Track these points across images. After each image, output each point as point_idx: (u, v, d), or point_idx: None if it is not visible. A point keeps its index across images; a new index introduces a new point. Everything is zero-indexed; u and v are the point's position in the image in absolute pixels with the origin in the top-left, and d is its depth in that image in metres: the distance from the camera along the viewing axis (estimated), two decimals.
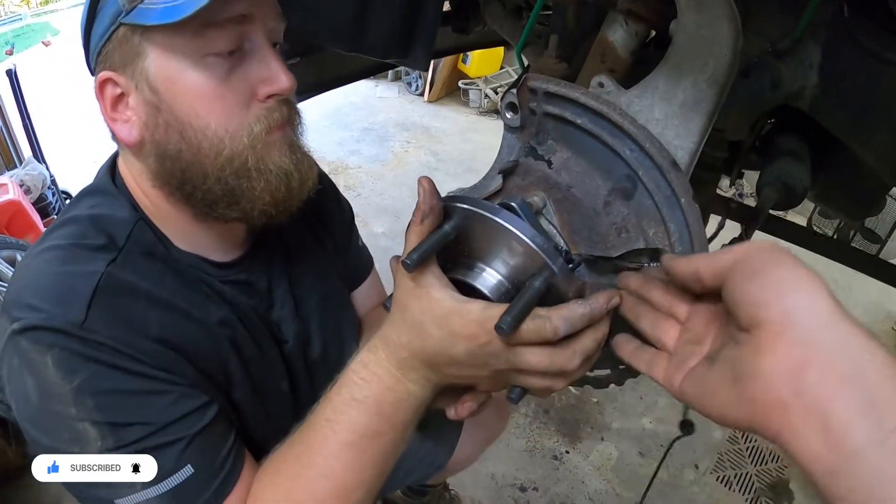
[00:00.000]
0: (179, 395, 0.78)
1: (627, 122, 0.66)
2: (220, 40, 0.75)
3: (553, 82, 0.71)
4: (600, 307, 0.64)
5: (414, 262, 0.63)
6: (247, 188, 0.81)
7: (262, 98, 0.80)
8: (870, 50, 0.91)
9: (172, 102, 0.77)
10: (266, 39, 0.80)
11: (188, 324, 0.83)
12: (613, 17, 0.89)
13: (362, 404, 0.71)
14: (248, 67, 0.79)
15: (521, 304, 0.61)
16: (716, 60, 0.70)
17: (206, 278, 0.90)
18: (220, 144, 0.78)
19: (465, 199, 0.67)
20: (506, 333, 0.60)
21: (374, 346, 0.72)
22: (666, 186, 0.67)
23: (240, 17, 0.76)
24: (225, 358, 0.88)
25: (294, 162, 0.84)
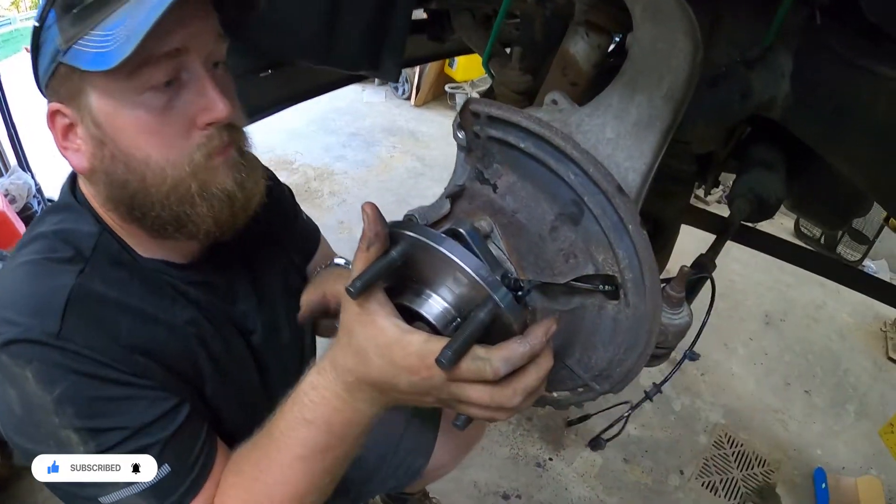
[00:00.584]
0: (153, 398, 0.81)
1: (570, 147, 0.63)
2: (156, 75, 0.77)
3: (495, 106, 0.68)
4: (540, 343, 0.63)
5: (357, 289, 0.63)
6: (191, 213, 0.84)
7: (201, 126, 0.82)
8: (843, 57, 0.87)
9: (115, 137, 0.79)
10: (203, 67, 0.81)
11: (156, 327, 0.86)
12: (574, 28, 0.85)
13: (312, 424, 0.73)
14: (186, 97, 0.80)
15: (462, 338, 0.60)
16: (672, 75, 0.66)
17: (171, 280, 0.92)
18: (162, 174, 0.81)
19: (411, 226, 0.66)
20: (446, 368, 0.60)
21: (324, 368, 0.73)
22: (612, 212, 0.63)
23: (174, 52, 0.77)
24: (194, 355, 0.91)
25: (238, 182, 0.86)
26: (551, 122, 0.66)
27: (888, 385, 3.37)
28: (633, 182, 0.66)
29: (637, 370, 0.74)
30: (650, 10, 0.67)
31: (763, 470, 2.73)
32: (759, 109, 0.97)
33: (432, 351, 0.61)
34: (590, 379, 0.78)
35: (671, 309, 0.78)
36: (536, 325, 0.64)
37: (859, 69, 0.86)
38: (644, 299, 0.66)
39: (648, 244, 0.62)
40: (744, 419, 2.97)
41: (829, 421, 3.06)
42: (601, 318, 0.72)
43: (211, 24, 0.82)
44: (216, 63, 0.85)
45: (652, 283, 0.65)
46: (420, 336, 0.64)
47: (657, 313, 0.67)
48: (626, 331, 0.70)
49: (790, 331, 3.66)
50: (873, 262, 4.33)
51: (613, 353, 0.74)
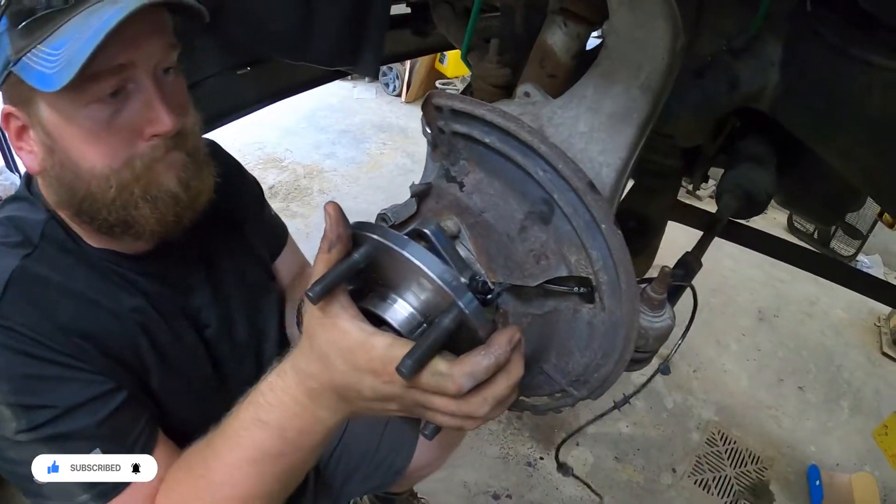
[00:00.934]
0: (87, 381, 0.82)
1: (538, 141, 0.59)
2: (102, 89, 0.78)
3: (458, 99, 0.64)
4: (504, 352, 0.59)
5: (317, 294, 0.59)
6: (136, 216, 0.86)
7: (147, 138, 0.84)
8: (834, 45, 0.84)
9: (63, 146, 0.81)
10: (151, 79, 0.82)
11: (98, 312, 0.88)
12: (552, 18, 0.81)
13: (266, 426, 0.71)
14: (132, 108, 0.82)
15: (425, 346, 0.56)
16: (650, 64, 0.62)
17: (119, 270, 0.94)
18: (107, 182, 0.83)
19: (374, 227, 0.62)
20: (406, 377, 0.56)
21: (284, 370, 0.71)
22: (584, 211, 0.59)
23: (119, 67, 0.78)
24: (136, 343, 0.92)
25: (182, 182, 0.88)
26: (521, 116, 0.62)
27: (882, 381, 3.35)
28: (608, 178, 0.62)
29: (616, 376, 0.71)
30: None
31: (756, 467, 2.71)
32: (748, 101, 0.93)
33: (396, 356, 0.58)
34: (567, 384, 0.75)
35: (652, 311, 0.74)
36: (499, 333, 0.61)
37: (852, 58, 0.82)
38: (620, 303, 0.63)
39: (624, 245, 0.58)
40: (737, 416, 2.94)
41: (823, 417, 3.04)
42: (576, 322, 0.69)
43: (162, 38, 0.83)
44: (168, 69, 0.86)
45: (628, 285, 0.61)
46: (384, 339, 0.61)
47: (634, 318, 0.64)
48: (603, 336, 0.67)
49: (783, 326, 3.64)
50: (867, 257, 4.31)
51: (590, 359, 0.70)
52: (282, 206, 3.98)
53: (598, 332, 0.67)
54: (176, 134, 0.86)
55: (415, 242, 0.59)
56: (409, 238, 0.60)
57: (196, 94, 1.42)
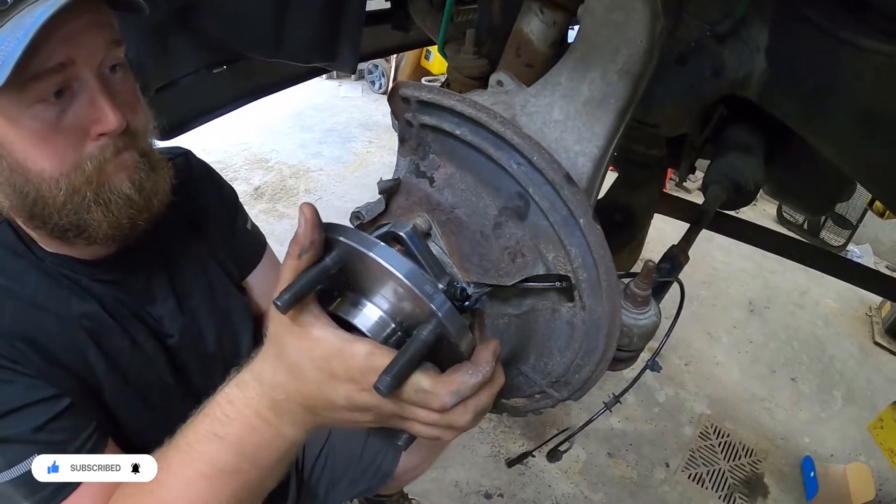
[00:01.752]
0: (28, 385, 0.81)
1: (510, 132, 0.55)
2: (44, 89, 0.75)
3: (425, 89, 0.60)
4: (490, 367, 0.58)
5: (286, 302, 0.55)
6: (89, 219, 0.84)
7: (94, 137, 0.82)
8: (822, 28, 0.81)
9: (10, 150, 0.79)
10: (95, 77, 0.80)
11: (43, 316, 0.87)
12: (528, 5, 0.78)
13: (223, 441, 0.67)
14: (77, 107, 0.80)
15: (403, 361, 0.54)
16: (628, 47, 0.59)
17: (73, 276, 0.92)
18: (57, 185, 0.81)
19: (346, 230, 0.58)
20: (384, 394, 0.54)
21: (244, 382, 0.67)
22: (562, 205, 0.56)
23: (59, 66, 0.76)
24: (83, 350, 0.90)
25: (136, 184, 0.86)
26: (493, 106, 0.58)
27: (875, 370, 3.35)
28: (584, 168, 0.58)
29: (598, 376, 0.69)
30: None
31: (750, 460, 2.69)
32: (734, 88, 0.90)
33: (376, 364, 0.56)
34: (547, 385, 0.72)
35: (636, 308, 0.71)
36: (483, 348, 0.59)
37: (842, 42, 0.79)
38: (601, 301, 0.60)
39: (604, 240, 0.55)
40: (729, 409, 2.93)
41: (816, 408, 3.03)
42: (555, 322, 0.66)
43: (102, 34, 0.80)
44: (114, 66, 0.84)
45: (609, 283, 0.58)
46: (364, 347, 0.58)
47: (616, 316, 0.61)
48: (583, 335, 0.64)
49: (775, 318, 3.63)
50: (857, 247, 4.31)
51: (571, 359, 0.68)
52: (268, 207, 3.95)
53: (578, 331, 0.65)
54: (125, 132, 0.84)
55: (390, 248, 0.56)
56: (384, 242, 0.56)
57: (172, 93, 1.41)
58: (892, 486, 2.64)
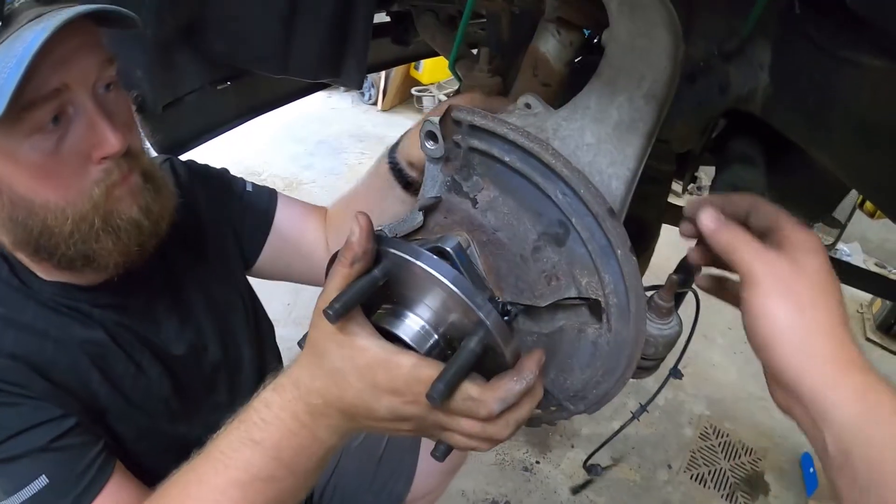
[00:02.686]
0: (31, 407, 0.80)
1: (560, 164, 0.58)
2: (40, 117, 0.73)
3: (479, 115, 0.62)
4: (535, 376, 0.60)
5: (337, 312, 0.56)
6: (97, 248, 0.82)
7: (96, 161, 0.80)
8: (823, 47, 0.84)
9: (10, 183, 0.77)
10: (91, 99, 0.78)
11: (44, 343, 0.85)
12: (544, 25, 0.81)
13: (259, 446, 0.65)
14: (76, 133, 0.78)
15: (454, 369, 0.56)
16: (653, 73, 0.62)
17: (72, 303, 0.90)
18: (63, 215, 0.79)
19: (397, 243, 0.60)
20: (437, 403, 0.55)
21: (282, 385, 0.66)
22: (601, 236, 0.59)
23: (54, 92, 0.74)
24: (86, 376, 0.88)
25: (143, 209, 0.85)
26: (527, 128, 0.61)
27: None
28: (617, 190, 0.62)
29: (614, 393, 0.71)
30: (627, 3, 0.63)
31: (750, 459, 2.73)
32: (738, 103, 0.94)
33: (422, 378, 0.57)
34: (564, 399, 0.74)
35: (660, 319, 0.74)
36: (528, 357, 0.61)
37: (841, 59, 0.83)
38: (628, 325, 0.62)
39: (637, 270, 0.58)
40: (728, 409, 2.97)
41: None
42: (580, 342, 0.68)
43: (94, 54, 0.79)
44: (109, 85, 0.82)
45: (638, 309, 0.61)
46: (409, 358, 0.59)
47: (640, 339, 0.63)
48: (606, 355, 0.67)
49: None
50: (846, 245, 4.37)
51: (590, 376, 0.70)
52: None
53: (602, 351, 0.67)
54: (127, 153, 0.82)
55: (442, 260, 0.58)
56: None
57: (177, 111, 1.41)
58: None
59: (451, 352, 0.62)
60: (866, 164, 0.93)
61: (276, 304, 3.20)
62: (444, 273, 0.56)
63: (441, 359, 0.59)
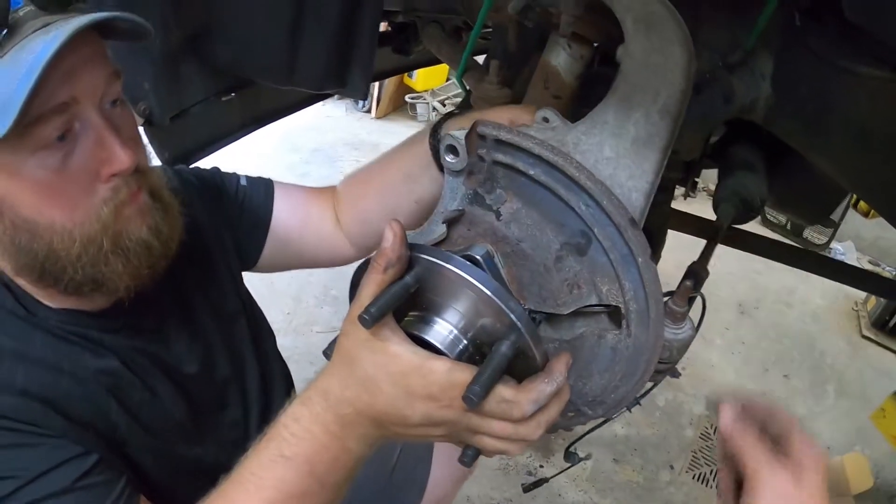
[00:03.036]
0: (51, 447, 0.75)
1: (584, 177, 0.60)
2: (47, 132, 0.69)
3: (504, 130, 0.65)
4: (564, 378, 0.62)
5: (373, 317, 0.57)
6: (107, 272, 0.79)
7: (105, 179, 0.76)
8: (823, 57, 0.87)
9: (14, 204, 0.73)
10: (98, 114, 0.74)
11: (58, 377, 0.80)
12: (555, 39, 0.83)
13: (291, 461, 0.64)
14: (83, 150, 0.74)
15: (489, 372, 0.57)
16: (668, 89, 0.64)
17: (80, 330, 0.85)
18: (70, 237, 0.75)
19: (430, 249, 0.61)
20: (475, 405, 0.56)
21: (310, 398, 0.65)
22: (623, 245, 0.61)
23: (62, 105, 0.70)
24: (104, 408, 0.84)
25: (153, 229, 0.82)
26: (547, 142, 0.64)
27: (865, 362, 3.44)
28: (637, 202, 0.64)
29: (632, 396, 0.73)
30: (642, 21, 0.65)
31: None
32: (741, 112, 0.96)
33: (457, 382, 0.58)
34: (582, 405, 0.75)
35: (675, 324, 0.77)
36: (556, 360, 0.62)
37: (840, 69, 0.85)
38: (647, 330, 0.65)
39: (657, 276, 0.61)
40: None
41: (810, 403, 3.11)
42: (600, 347, 0.70)
43: (100, 67, 0.75)
44: (114, 101, 0.78)
45: (657, 314, 0.63)
46: (443, 364, 0.59)
47: (658, 343, 0.66)
48: (626, 360, 0.69)
49: (764, 317, 3.72)
50: (840, 244, 4.42)
51: (609, 381, 0.72)
52: None
53: (621, 356, 0.69)
54: (135, 170, 0.79)
55: (474, 266, 0.59)
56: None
57: (183, 123, 1.41)
58: (889, 474, 2.72)
59: (479, 357, 0.63)
60: (864, 168, 0.96)
61: (276, 313, 3.20)
62: (478, 277, 0.58)
63: (470, 363, 0.61)
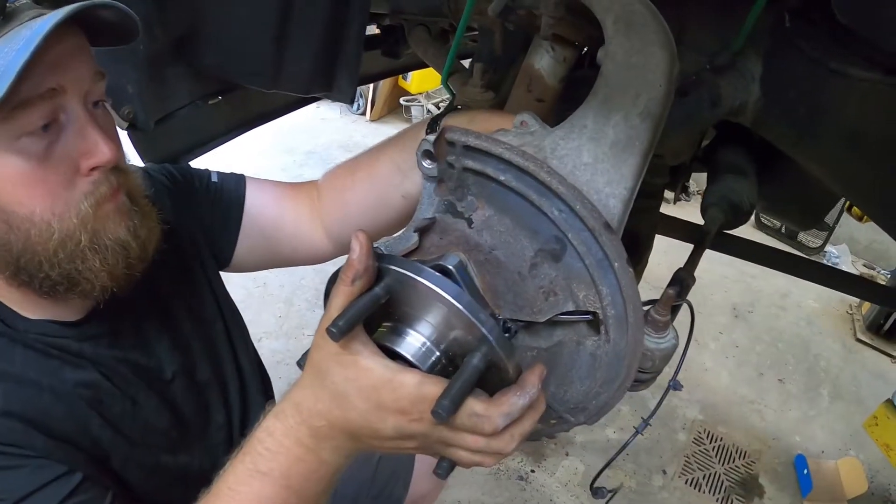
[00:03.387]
0: (34, 467, 0.75)
1: (556, 182, 0.59)
2: (32, 119, 0.69)
3: (473, 135, 0.63)
4: (538, 390, 0.60)
5: (341, 330, 0.56)
6: (83, 269, 0.78)
7: (86, 172, 0.76)
8: (814, 59, 0.85)
9: None
10: (83, 108, 0.75)
11: (39, 394, 0.80)
12: (538, 42, 0.81)
13: (267, 476, 0.64)
14: (66, 141, 0.74)
15: (459, 386, 0.55)
16: (649, 91, 0.62)
17: (59, 342, 0.85)
18: (49, 230, 0.75)
19: (398, 261, 0.60)
20: (444, 419, 0.55)
21: (283, 411, 0.65)
22: (598, 250, 0.60)
23: (49, 92, 0.70)
24: (85, 421, 0.84)
25: (132, 230, 0.81)
26: (524, 147, 0.62)
27: (859, 366, 3.44)
28: (615, 209, 0.62)
29: (613, 403, 0.72)
30: (623, 21, 0.63)
31: (744, 462, 2.74)
32: (730, 115, 0.95)
33: (427, 395, 0.57)
34: (564, 412, 0.74)
35: (657, 333, 0.75)
36: (530, 372, 0.61)
37: (830, 71, 0.84)
38: (625, 335, 0.63)
39: (634, 281, 0.59)
40: (721, 413, 2.98)
41: (805, 406, 3.09)
42: (579, 354, 0.69)
43: (87, 62, 0.76)
44: (96, 102, 0.79)
45: (635, 319, 0.62)
46: (413, 377, 0.59)
47: (638, 348, 0.64)
48: (606, 366, 0.67)
49: (759, 321, 3.70)
50: (835, 247, 4.41)
51: (590, 387, 0.70)
52: None
53: (601, 362, 0.68)
54: (116, 169, 0.79)
55: (444, 277, 0.58)
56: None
57: (169, 126, 1.39)
58: (884, 478, 2.71)
59: (452, 369, 0.62)
60: (856, 172, 0.94)
61: (268, 316, 3.19)
62: (447, 289, 0.57)
63: (443, 376, 0.60)
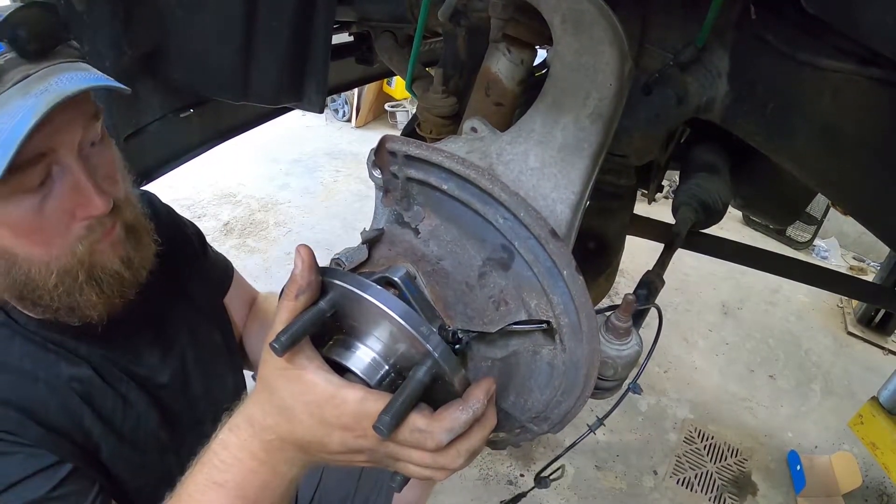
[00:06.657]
0: (27, 455, 0.79)
1: (498, 189, 0.57)
2: (26, 180, 0.74)
3: (413, 144, 0.61)
4: (482, 405, 0.60)
5: (283, 345, 0.56)
6: (81, 301, 0.83)
7: (80, 220, 0.80)
8: (782, 52, 0.83)
9: None
10: (75, 160, 0.78)
11: (34, 385, 0.85)
12: (495, 45, 0.79)
13: (222, 488, 0.66)
14: (60, 192, 0.78)
15: (401, 401, 0.55)
16: (599, 91, 0.60)
17: (58, 339, 0.90)
18: (47, 269, 0.80)
19: (341, 274, 0.60)
20: (384, 435, 0.55)
21: (237, 425, 0.67)
22: (546, 257, 0.58)
23: (40, 157, 0.74)
24: (78, 414, 0.88)
25: (124, 261, 0.86)
26: (469, 154, 0.59)
27: (850, 359, 3.43)
28: (563, 215, 0.60)
29: (576, 411, 0.70)
30: (571, 20, 0.61)
31: (736, 460, 2.73)
32: (698, 112, 0.92)
33: (369, 412, 0.58)
34: (527, 421, 0.73)
35: (618, 340, 0.72)
36: (476, 386, 0.61)
37: (801, 64, 0.81)
38: (581, 343, 0.62)
39: (585, 288, 0.57)
40: (711, 411, 2.96)
41: (797, 402, 3.09)
42: (536, 363, 0.67)
43: (79, 116, 0.78)
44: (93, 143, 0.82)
45: (589, 327, 0.60)
46: (356, 393, 0.59)
47: (595, 357, 0.63)
48: (563, 374, 0.66)
49: (748, 318, 3.70)
50: (824, 241, 4.41)
51: (550, 397, 0.69)
52: (238, 243, 3.90)
53: (558, 371, 0.66)
54: (112, 211, 0.82)
55: (387, 291, 0.57)
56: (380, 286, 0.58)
57: (140, 140, 1.39)
58: (878, 471, 2.69)
59: (402, 382, 0.61)
60: (831, 168, 0.92)
61: None
62: (387, 303, 0.56)
63: (392, 389, 0.59)
